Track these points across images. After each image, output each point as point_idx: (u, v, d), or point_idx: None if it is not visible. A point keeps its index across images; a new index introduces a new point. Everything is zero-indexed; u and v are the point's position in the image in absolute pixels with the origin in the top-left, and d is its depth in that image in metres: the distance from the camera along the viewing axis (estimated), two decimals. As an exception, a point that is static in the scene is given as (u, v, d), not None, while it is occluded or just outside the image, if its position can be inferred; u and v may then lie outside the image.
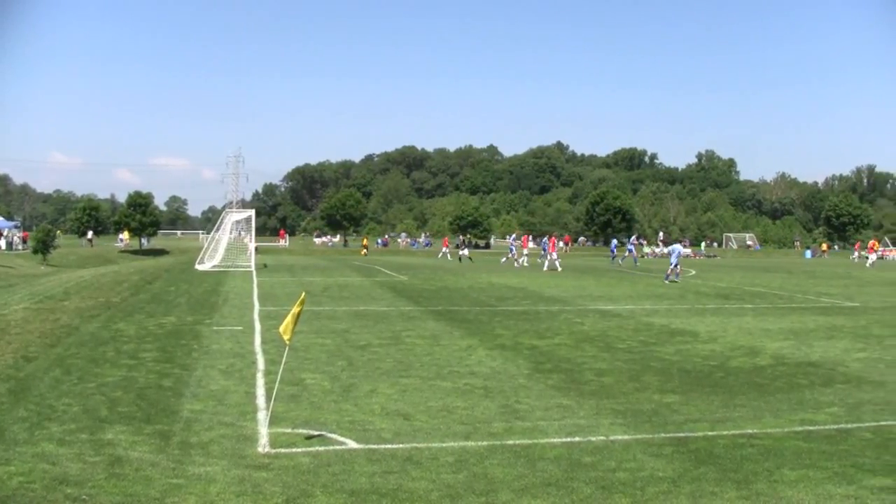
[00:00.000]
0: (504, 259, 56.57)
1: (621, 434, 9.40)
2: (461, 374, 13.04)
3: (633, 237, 75.09)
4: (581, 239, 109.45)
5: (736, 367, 14.14)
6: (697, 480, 7.73)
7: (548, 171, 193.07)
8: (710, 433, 9.49)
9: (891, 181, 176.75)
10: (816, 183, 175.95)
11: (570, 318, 21.13)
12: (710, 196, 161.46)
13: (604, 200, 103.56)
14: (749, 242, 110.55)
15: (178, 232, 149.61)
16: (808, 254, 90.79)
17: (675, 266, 37.57)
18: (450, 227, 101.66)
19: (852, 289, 34.17)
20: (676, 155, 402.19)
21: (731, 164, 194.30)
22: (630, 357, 15.05)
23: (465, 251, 63.20)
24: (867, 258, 65.53)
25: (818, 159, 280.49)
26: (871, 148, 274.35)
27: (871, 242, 75.06)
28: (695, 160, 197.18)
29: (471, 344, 16.41)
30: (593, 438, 9.18)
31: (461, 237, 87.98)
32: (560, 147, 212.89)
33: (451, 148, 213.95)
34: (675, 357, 15.13)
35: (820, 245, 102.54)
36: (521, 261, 52.48)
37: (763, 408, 10.91)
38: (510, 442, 8.99)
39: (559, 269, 45.86)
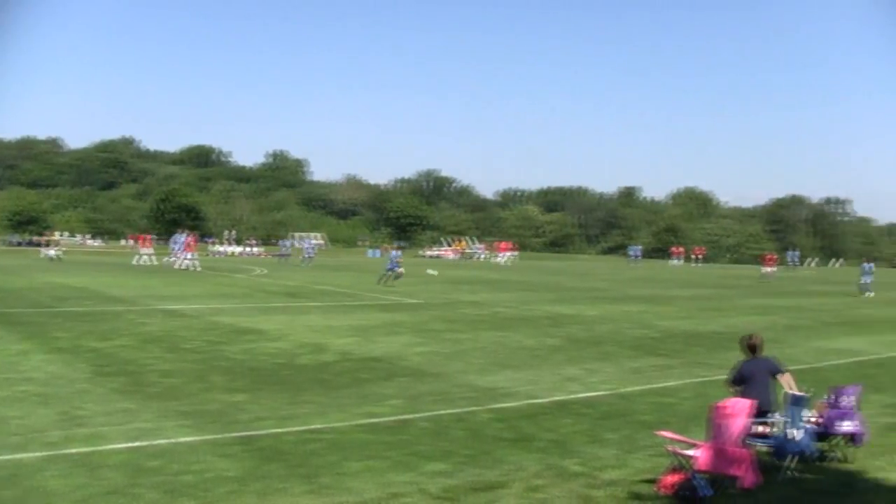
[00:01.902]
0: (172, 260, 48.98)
1: (187, 436, 9.20)
2: (15, 381, 12.05)
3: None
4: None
5: (303, 365, 14.43)
6: (265, 478, 7.77)
7: (115, 166, 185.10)
8: (277, 430, 9.59)
9: (448, 185, 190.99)
10: (382, 185, 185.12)
11: (134, 319, 20.33)
12: (281, 196, 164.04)
13: (173, 198, 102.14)
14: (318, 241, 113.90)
15: None
16: (372, 253, 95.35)
17: (396, 270, 37.39)
18: (7, 223, 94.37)
19: (414, 287, 36.33)
20: (249, 154, 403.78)
21: (302, 164, 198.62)
22: (197, 357, 14.81)
23: (53, 252, 58.49)
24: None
25: (386, 162, 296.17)
26: (434, 153, 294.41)
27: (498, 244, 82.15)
28: (267, 160, 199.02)
29: (26, 348, 15.22)
30: (158, 442, 8.91)
31: (46, 237, 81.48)
32: (128, 142, 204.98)
33: (9, 138, 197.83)
34: (243, 356, 15.13)
35: (384, 245, 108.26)
36: (185, 262, 45.24)
37: (329, 403, 11.21)
38: (69, 451, 8.47)
39: (188, 269, 43.62)
